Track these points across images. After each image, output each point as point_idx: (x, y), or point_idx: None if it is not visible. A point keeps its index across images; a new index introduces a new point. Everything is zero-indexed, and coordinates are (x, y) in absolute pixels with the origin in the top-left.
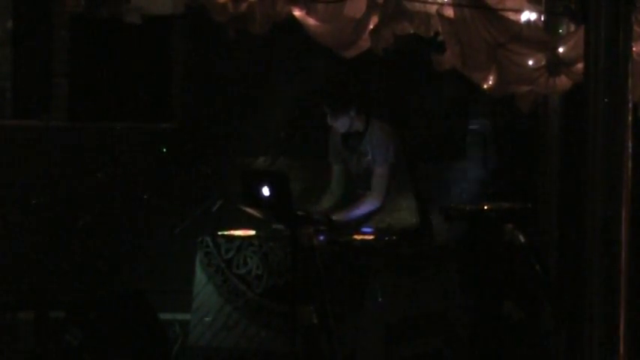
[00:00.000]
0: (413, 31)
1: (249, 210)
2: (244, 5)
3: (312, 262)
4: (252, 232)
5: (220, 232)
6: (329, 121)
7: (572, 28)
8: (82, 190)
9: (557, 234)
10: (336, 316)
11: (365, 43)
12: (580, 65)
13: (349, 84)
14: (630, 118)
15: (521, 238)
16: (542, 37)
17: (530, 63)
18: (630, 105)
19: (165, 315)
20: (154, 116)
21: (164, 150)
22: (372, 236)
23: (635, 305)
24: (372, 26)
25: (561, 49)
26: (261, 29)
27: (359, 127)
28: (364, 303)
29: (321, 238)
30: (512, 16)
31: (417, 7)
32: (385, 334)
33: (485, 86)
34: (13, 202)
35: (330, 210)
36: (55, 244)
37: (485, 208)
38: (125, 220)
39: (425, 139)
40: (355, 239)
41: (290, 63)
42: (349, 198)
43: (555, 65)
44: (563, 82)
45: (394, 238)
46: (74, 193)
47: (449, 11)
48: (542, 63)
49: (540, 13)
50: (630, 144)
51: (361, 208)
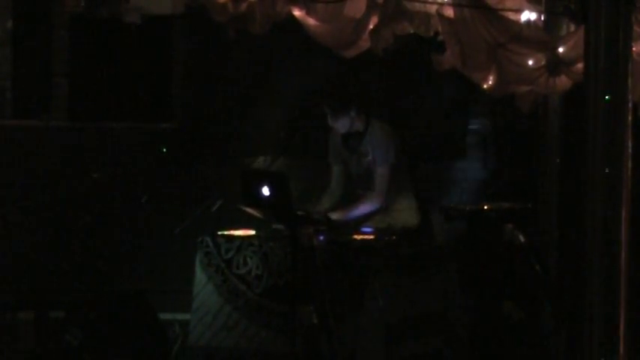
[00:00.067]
0: (413, 31)
1: (249, 210)
2: (244, 5)
3: (312, 262)
4: (252, 232)
5: (220, 232)
6: (329, 122)
7: (572, 28)
8: (82, 190)
9: (557, 234)
10: (336, 316)
11: (365, 43)
12: (580, 65)
13: (349, 84)
14: (630, 118)
15: (521, 238)
16: (542, 37)
17: (530, 63)
18: (630, 105)
19: (165, 315)
20: (154, 116)
21: (164, 150)
22: (372, 236)
23: (635, 305)
24: (372, 26)
25: (561, 49)
26: (261, 29)
27: (359, 127)
28: (364, 303)
29: (321, 238)
30: (512, 16)
31: (417, 7)
32: (385, 334)
33: (485, 86)
34: (13, 202)
35: (330, 210)
36: (55, 244)
37: (485, 208)
38: (125, 220)
39: (425, 139)
40: (355, 239)
41: (290, 63)
42: (349, 198)
43: (555, 65)
44: (563, 82)
45: (394, 238)
46: (74, 193)
47: (449, 11)
48: (542, 63)
49: (540, 13)
50: (630, 144)
51: (361, 208)
